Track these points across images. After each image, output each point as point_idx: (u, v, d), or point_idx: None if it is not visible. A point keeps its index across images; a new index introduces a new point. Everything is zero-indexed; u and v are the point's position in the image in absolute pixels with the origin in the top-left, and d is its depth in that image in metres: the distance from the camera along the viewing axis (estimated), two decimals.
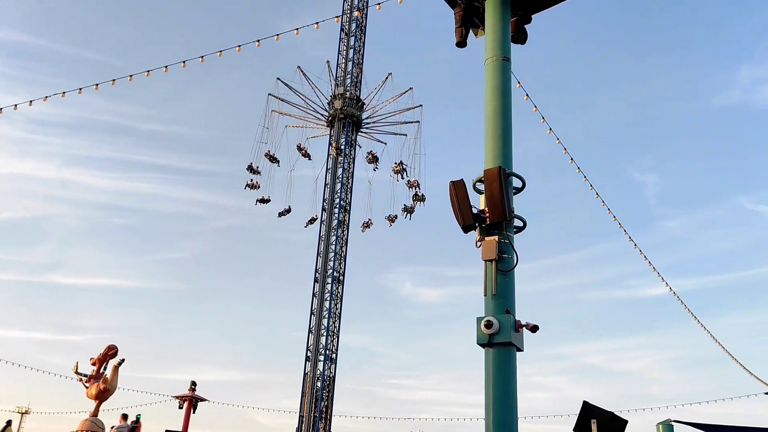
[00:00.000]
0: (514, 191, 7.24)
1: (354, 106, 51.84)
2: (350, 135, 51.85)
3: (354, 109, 51.67)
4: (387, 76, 53.51)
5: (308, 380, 46.92)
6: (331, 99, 52.53)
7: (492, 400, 6.32)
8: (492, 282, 6.71)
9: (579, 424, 6.47)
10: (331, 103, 52.25)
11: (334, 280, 49.75)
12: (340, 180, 50.92)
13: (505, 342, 6.40)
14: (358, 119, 52.67)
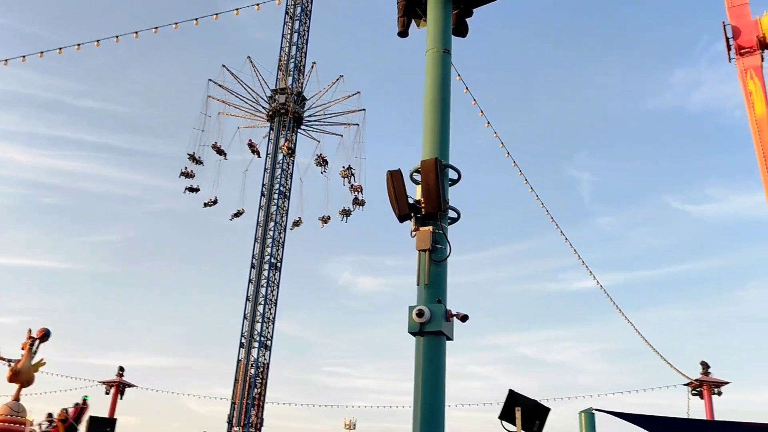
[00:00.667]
0: (450, 183, 7.33)
1: (297, 102, 51.33)
2: (290, 131, 51.32)
3: (297, 105, 51.17)
4: (338, 79, 52.93)
5: (242, 367, 46.40)
6: (272, 93, 51.78)
7: (421, 388, 6.41)
8: (425, 272, 6.79)
9: (504, 412, 6.65)
10: (273, 97, 51.49)
11: (271, 266, 49.27)
12: (281, 165, 50.35)
13: (435, 331, 6.50)
14: (300, 116, 52.19)
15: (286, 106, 50.13)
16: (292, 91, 51.02)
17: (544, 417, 6.78)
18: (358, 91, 52.55)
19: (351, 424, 67.65)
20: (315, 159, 49.93)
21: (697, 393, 28.71)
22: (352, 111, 52.33)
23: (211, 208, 49.14)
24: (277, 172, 49.99)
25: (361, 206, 49.70)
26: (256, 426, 45.58)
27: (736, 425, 7.12)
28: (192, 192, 48.38)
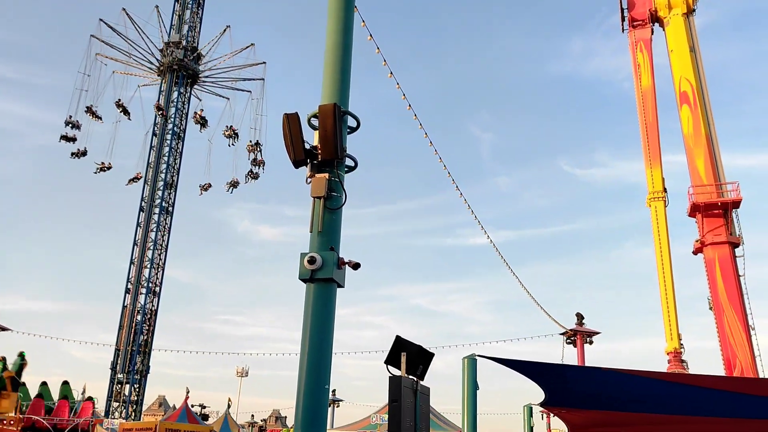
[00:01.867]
0: (349, 131, 7.27)
1: (190, 58, 48.76)
2: (184, 89, 49.00)
3: (190, 61, 48.64)
4: (225, 29, 50.73)
5: (127, 313, 44.97)
6: (164, 47, 48.89)
7: (309, 334, 6.43)
8: (319, 219, 6.74)
9: (390, 356, 6.82)
10: (164, 52, 48.63)
11: (162, 210, 47.53)
12: (176, 103, 48.20)
13: (326, 278, 6.50)
14: (195, 72, 49.73)
15: (181, 62, 47.69)
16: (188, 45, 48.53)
17: (427, 362, 7.03)
18: (251, 44, 50.91)
19: (243, 371, 67.67)
20: (194, 118, 48.00)
21: (571, 342, 30.87)
22: (251, 65, 50.58)
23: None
24: (169, 126, 47.88)
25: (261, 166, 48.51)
26: (142, 373, 44.56)
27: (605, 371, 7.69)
28: (78, 156, 45.19)
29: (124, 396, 43.34)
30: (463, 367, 9.48)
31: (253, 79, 50.91)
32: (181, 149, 48.37)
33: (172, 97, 48.05)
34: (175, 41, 48.41)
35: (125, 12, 47.77)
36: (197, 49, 49.75)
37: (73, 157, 45.01)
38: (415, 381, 6.82)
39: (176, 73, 48.05)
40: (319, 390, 6.19)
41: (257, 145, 48.49)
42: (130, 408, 43.04)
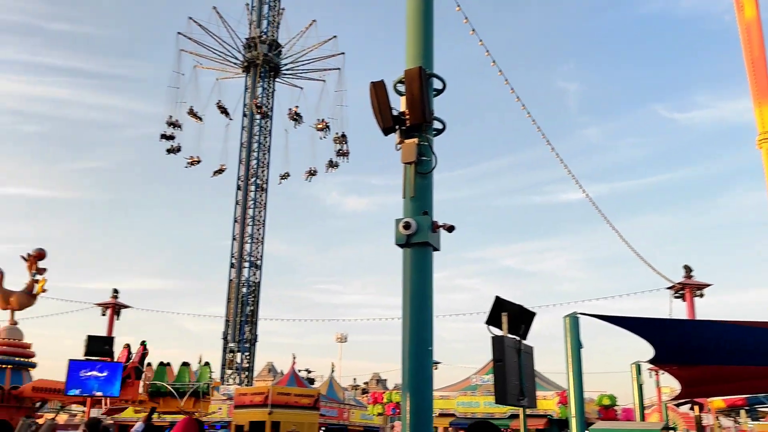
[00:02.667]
0: (435, 93, 7.20)
1: (273, 52, 49.55)
2: (267, 82, 50.05)
3: (273, 54, 49.42)
4: (311, 23, 50.87)
5: (233, 286, 47.20)
6: (247, 43, 49.86)
7: (409, 298, 6.52)
8: (410, 184, 6.76)
9: (491, 317, 6.81)
10: (248, 47, 49.61)
11: (257, 187, 49.20)
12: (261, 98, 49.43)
13: (422, 242, 6.54)
14: (277, 66, 50.53)
15: (265, 56, 48.64)
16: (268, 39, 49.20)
17: (529, 321, 6.97)
18: (334, 36, 50.83)
19: (342, 337, 69.81)
20: (288, 114, 48.55)
21: (679, 296, 29.65)
22: (331, 56, 50.73)
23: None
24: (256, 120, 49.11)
25: (345, 157, 48.74)
26: (251, 341, 46.84)
27: (718, 324, 7.35)
28: (174, 152, 47.14)
29: (236, 363, 45.78)
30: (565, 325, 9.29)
31: (330, 69, 51.23)
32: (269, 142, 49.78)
33: (257, 91, 49.44)
34: (256, 36, 49.44)
35: (216, 10, 49.09)
36: (280, 45, 50.66)
37: (168, 153, 47.08)
38: (518, 340, 6.79)
39: (259, 68, 49.29)
40: (423, 352, 6.28)
41: (343, 137, 48.75)
42: (243, 374, 45.44)
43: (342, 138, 48.59)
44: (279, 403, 23.25)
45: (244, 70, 50.02)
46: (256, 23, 50.06)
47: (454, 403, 27.57)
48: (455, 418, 27.72)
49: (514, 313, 6.76)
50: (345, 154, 48.90)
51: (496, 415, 26.64)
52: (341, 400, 33.39)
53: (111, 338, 16.12)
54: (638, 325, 7.98)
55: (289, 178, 50.04)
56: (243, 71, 50.15)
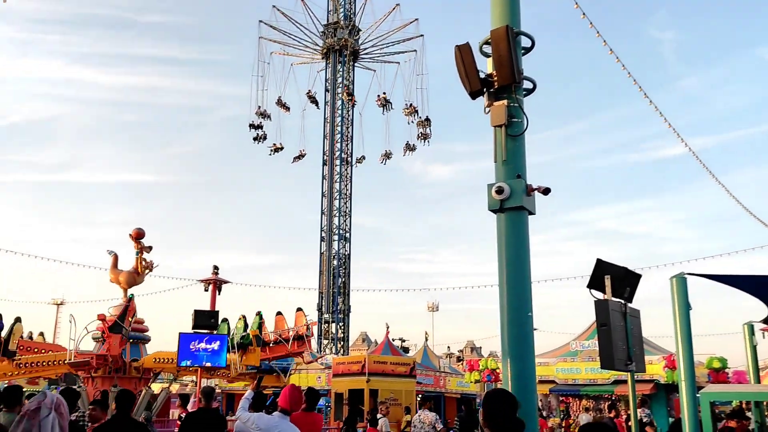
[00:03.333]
0: (523, 52, 6.94)
1: (355, 37, 49.56)
2: (347, 66, 50.14)
3: (353, 39, 49.42)
4: (394, 7, 50.30)
5: (325, 259, 48.28)
6: (326, 28, 50.00)
7: (505, 264, 6.39)
8: (502, 147, 6.59)
9: (593, 281, 6.59)
10: (327, 33, 49.77)
11: (342, 161, 49.79)
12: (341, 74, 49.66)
13: (516, 206, 6.38)
14: (356, 50, 50.49)
15: (341, 42, 48.69)
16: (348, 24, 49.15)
17: (635, 283, 6.69)
18: (415, 18, 50.11)
19: (434, 306, 70.09)
20: (377, 100, 48.24)
21: None
22: (410, 38, 50.12)
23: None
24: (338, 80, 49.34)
25: (426, 140, 48.26)
26: (344, 312, 47.92)
27: None
28: (260, 141, 48.12)
29: (331, 334, 47.04)
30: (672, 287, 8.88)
31: (407, 51, 50.66)
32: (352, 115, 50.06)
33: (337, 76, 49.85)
34: (335, 21, 49.61)
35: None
36: (359, 29, 50.61)
37: (255, 142, 48.12)
38: (623, 303, 6.54)
39: (338, 53, 49.54)
40: (523, 318, 6.17)
41: (427, 120, 48.20)
42: (339, 344, 46.65)
43: (425, 122, 48.06)
44: (376, 372, 23.70)
45: (324, 55, 50.57)
46: (335, 8, 50.21)
47: (553, 370, 27.17)
48: (555, 384, 27.36)
49: (617, 276, 6.51)
50: (426, 137, 48.44)
51: (598, 381, 26.07)
52: (436, 368, 33.69)
53: (216, 312, 16.85)
54: (749, 283, 7.53)
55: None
56: (323, 57, 50.72)
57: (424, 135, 48.39)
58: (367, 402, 22.15)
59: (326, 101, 50.41)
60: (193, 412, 7.77)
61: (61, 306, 71.10)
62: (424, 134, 48.38)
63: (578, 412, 27.29)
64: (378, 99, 48.41)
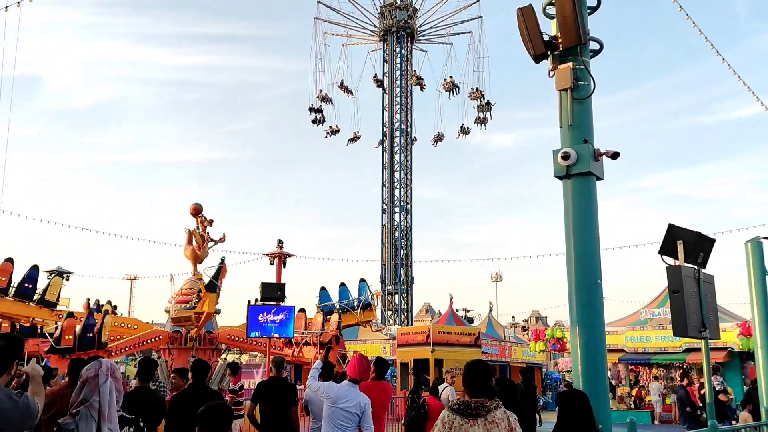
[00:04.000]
0: (588, 11, 6.72)
1: (408, 17, 48.92)
2: (405, 47, 49.67)
3: (408, 18, 48.80)
4: None
5: (386, 231, 48.55)
6: (383, 9, 49.49)
7: (572, 231, 6.28)
8: (568, 112, 6.43)
9: (664, 247, 6.40)
10: (384, 14, 49.29)
11: (402, 133, 49.64)
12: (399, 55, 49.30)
13: (583, 172, 6.24)
14: (413, 31, 49.86)
15: (401, 23, 48.20)
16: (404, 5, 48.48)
17: (708, 248, 6.46)
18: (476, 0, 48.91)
19: (497, 276, 69.62)
20: (444, 84, 47.33)
21: None
22: (469, 20, 49.10)
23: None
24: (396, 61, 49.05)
25: (488, 113, 47.28)
26: (407, 284, 48.21)
27: None
28: (318, 124, 48.21)
29: (394, 305, 47.48)
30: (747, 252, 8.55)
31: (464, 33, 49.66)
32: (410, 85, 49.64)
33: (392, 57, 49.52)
34: (390, 3, 49.08)
35: None
36: (416, 9, 49.95)
37: (314, 125, 48.34)
38: (696, 269, 6.34)
39: (396, 35, 49.09)
40: (592, 285, 6.07)
41: (488, 105, 47.16)
42: (402, 315, 47.07)
43: (487, 106, 47.02)
44: (440, 342, 23.81)
45: (381, 37, 50.34)
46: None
47: (622, 339, 26.70)
48: (624, 353, 26.90)
49: (690, 241, 6.29)
50: (484, 121, 47.44)
51: (669, 349, 25.52)
52: (501, 337, 33.58)
53: (282, 284, 17.26)
54: None
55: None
56: (380, 39, 50.51)
57: (483, 119, 47.50)
58: (432, 372, 22.32)
59: (384, 72, 50.26)
60: (264, 381, 8.01)
61: (134, 281, 74.34)
62: (483, 119, 47.48)
63: (648, 381, 26.80)
64: (445, 83, 47.42)
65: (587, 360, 6.05)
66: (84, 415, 3.49)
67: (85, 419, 3.48)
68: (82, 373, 3.70)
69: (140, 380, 6.64)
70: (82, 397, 3.54)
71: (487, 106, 47.17)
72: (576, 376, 6.18)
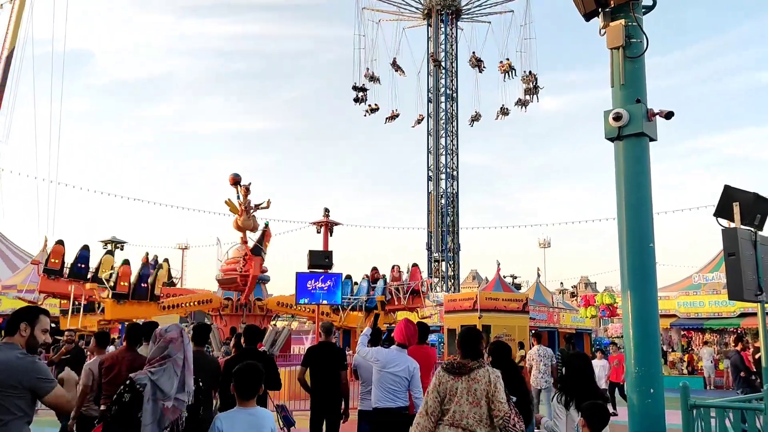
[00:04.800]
0: None
1: None
2: (450, 26, 48.63)
3: None
4: None
5: (432, 198, 48.42)
6: None
7: (624, 194, 6.13)
8: (619, 71, 6.23)
9: (720, 209, 6.20)
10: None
11: (447, 97, 49.09)
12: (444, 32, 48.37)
13: (636, 133, 6.06)
14: (458, 8, 48.72)
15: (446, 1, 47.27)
16: None
17: (766, 210, 6.23)
18: None
19: (545, 242, 68.88)
20: (500, 67, 45.86)
21: None
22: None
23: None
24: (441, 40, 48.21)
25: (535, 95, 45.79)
26: (454, 251, 48.17)
27: None
28: (360, 102, 47.39)
29: (441, 272, 47.57)
30: None
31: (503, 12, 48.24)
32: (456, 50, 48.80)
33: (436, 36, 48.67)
34: None
35: None
36: None
37: (356, 103, 47.62)
38: (753, 232, 6.13)
39: (440, 13, 48.19)
40: (644, 249, 5.93)
41: (536, 88, 45.56)
42: (449, 282, 47.16)
43: (534, 89, 45.52)
44: (488, 308, 23.79)
45: (425, 15, 49.56)
46: None
47: (674, 304, 26.22)
48: (677, 318, 26.43)
49: (747, 203, 6.08)
50: (534, 92, 45.93)
51: (722, 314, 24.97)
52: (549, 304, 33.35)
53: (330, 252, 17.45)
54: None
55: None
56: (424, 17, 49.75)
57: (525, 102, 46.11)
58: None
59: (428, 36, 49.56)
60: (313, 346, 8.18)
61: (185, 250, 76.27)
62: (527, 101, 46.06)
63: (700, 347, 26.33)
64: (501, 65, 45.86)
65: (639, 325, 5.95)
66: (168, 368, 3.77)
67: (169, 372, 3.76)
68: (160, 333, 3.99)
69: (195, 344, 6.89)
70: (166, 353, 3.82)
71: (534, 89, 45.77)
72: (627, 342, 6.09)
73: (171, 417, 3.70)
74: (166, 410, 3.67)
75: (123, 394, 3.72)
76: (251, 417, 3.81)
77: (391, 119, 48.75)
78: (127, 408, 3.64)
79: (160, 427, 3.65)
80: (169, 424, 3.69)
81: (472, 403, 4.48)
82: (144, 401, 3.64)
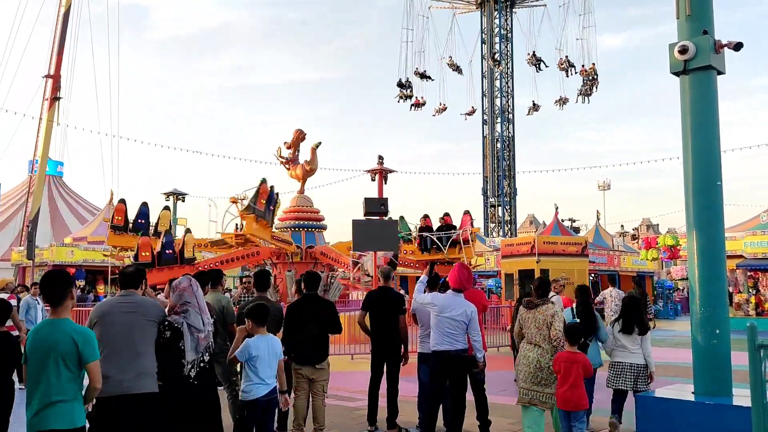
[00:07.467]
0: None
1: None
2: (505, 12, 46.49)
3: None
4: None
5: (488, 142, 47.68)
6: None
7: (690, 129, 5.89)
8: (685, 1, 5.90)
9: None
10: None
11: (501, 38, 47.69)
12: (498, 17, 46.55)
13: (703, 66, 5.77)
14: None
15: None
16: None
17: None
18: None
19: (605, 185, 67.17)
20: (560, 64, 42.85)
21: None
22: None
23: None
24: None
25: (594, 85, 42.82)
26: (510, 195, 47.60)
27: None
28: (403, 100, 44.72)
29: (497, 217, 47.20)
30: None
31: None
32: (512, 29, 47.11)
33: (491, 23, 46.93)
34: None
35: None
36: None
37: (399, 100, 44.75)
38: None
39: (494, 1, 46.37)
40: (711, 188, 5.73)
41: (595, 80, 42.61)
42: (506, 227, 46.81)
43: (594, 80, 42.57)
44: (546, 252, 23.53)
45: (478, 6, 47.75)
46: None
47: (741, 244, 25.36)
48: (743, 259, 25.61)
49: None
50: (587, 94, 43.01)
51: None
52: (610, 246, 32.75)
53: (385, 199, 17.44)
54: None
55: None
56: (477, 6, 47.92)
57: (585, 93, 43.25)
58: None
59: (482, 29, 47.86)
60: (372, 291, 8.31)
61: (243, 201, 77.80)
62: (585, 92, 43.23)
63: (767, 288, 25.52)
64: (560, 62, 43.18)
65: (705, 266, 5.80)
66: (192, 311, 4.88)
67: (193, 314, 4.88)
68: (175, 284, 5.04)
69: (257, 290, 7.15)
70: (184, 300, 4.88)
71: (594, 81, 43.02)
72: (693, 283, 5.95)
73: (204, 343, 4.90)
74: (201, 339, 4.86)
75: (164, 332, 4.72)
76: (269, 342, 5.45)
77: (439, 112, 46.15)
78: (168, 341, 4.74)
79: (197, 351, 4.85)
80: (203, 348, 4.91)
81: (538, 328, 6.35)
82: (184, 335, 4.79)
